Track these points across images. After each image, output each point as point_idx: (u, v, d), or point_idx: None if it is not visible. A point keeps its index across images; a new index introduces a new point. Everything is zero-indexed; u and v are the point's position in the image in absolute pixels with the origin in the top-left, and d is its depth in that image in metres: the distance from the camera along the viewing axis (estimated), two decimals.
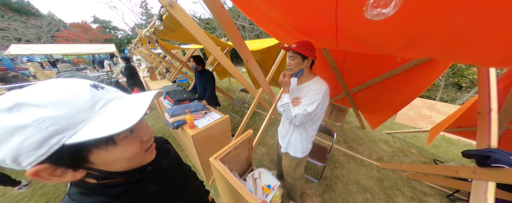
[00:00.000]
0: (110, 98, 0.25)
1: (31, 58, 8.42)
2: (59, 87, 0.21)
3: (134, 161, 0.28)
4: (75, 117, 0.20)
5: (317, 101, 0.76)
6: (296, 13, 0.65)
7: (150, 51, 3.53)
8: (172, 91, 1.62)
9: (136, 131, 0.28)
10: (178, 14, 0.77)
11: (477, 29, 0.35)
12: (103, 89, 0.25)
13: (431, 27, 0.41)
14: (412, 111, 3.21)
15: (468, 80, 5.87)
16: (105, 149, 0.23)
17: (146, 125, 0.31)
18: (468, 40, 0.42)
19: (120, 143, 0.25)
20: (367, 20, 0.39)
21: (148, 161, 0.31)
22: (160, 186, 0.37)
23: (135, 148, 0.27)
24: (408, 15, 0.38)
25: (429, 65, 1.34)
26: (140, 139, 0.28)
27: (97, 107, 0.23)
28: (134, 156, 0.27)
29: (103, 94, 0.24)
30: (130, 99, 0.27)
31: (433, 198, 1.51)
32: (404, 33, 0.47)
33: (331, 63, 1.89)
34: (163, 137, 0.50)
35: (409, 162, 2.05)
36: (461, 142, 2.62)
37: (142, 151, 0.28)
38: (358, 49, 0.84)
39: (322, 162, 1.43)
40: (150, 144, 0.31)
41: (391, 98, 1.76)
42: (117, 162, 0.25)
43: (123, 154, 0.25)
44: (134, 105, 0.25)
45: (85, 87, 0.23)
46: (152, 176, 0.36)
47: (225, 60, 1.13)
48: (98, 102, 0.23)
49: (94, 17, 20.46)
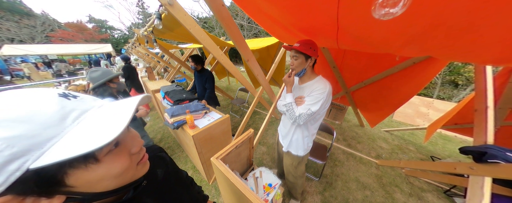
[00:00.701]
0: (86, 108, 0.22)
1: (25, 59, 8.26)
2: (16, 99, 0.18)
3: (125, 177, 0.25)
4: (39, 135, 0.17)
5: (322, 101, 0.76)
6: (297, 12, 0.64)
7: (148, 50, 3.49)
8: (171, 91, 1.61)
9: (123, 143, 0.24)
10: (177, 13, 0.76)
11: (476, 28, 0.36)
12: (76, 98, 0.22)
13: (432, 27, 0.41)
14: (410, 109, 3.25)
15: (464, 78, 5.97)
16: (85, 168, 0.20)
17: (135, 135, 0.28)
18: (467, 39, 0.43)
19: (103, 159, 0.21)
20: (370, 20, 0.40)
21: (142, 174, 0.28)
22: (157, 200, 0.35)
23: (123, 163, 0.24)
24: (411, 15, 0.38)
25: (427, 63, 1.35)
26: (129, 151, 0.25)
27: (69, 120, 0.19)
28: (123, 172, 0.24)
29: (76, 104, 0.21)
30: (111, 107, 0.23)
31: (430, 194, 1.54)
32: (406, 32, 0.48)
33: (330, 62, 1.90)
34: (156, 145, 0.47)
35: (407, 159, 2.08)
36: (458, 139, 2.67)
37: (132, 165, 0.25)
38: (358, 48, 0.84)
39: (322, 160, 1.44)
40: (142, 155, 0.28)
41: (389, 96, 1.78)
42: (103, 181, 0.22)
43: (109, 172, 0.22)
44: (116, 114, 0.22)
45: (51, 98, 0.19)
46: (148, 189, 0.34)
47: (225, 60, 1.13)
48: (70, 113, 0.20)
49: (89, 16, 20.12)
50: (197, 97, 1.56)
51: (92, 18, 20.12)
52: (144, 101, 0.26)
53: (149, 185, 0.35)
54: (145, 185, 0.33)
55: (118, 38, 20.44)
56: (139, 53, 4.82)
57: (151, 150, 0.44)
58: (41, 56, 8.46)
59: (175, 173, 0.44)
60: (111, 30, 21.59)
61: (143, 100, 0.26)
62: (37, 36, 13.16)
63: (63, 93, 0.22)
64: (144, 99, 0.26)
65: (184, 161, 1.86)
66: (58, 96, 0.20)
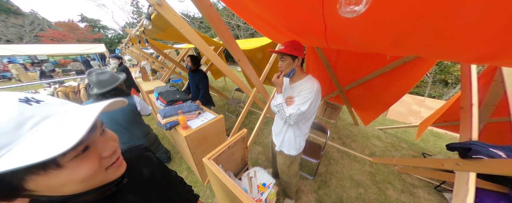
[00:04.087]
0: (48, 113, 0.20)
1: (12, 60, 7.94)
2: None
3: (92, 182, 0.24)
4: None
5: (310, 100, 0.77)
6: (286, 13, 0.65)
7: (142, 51, 3.43)
8: (165, 91, 1.59)
9: (93, 147, 0.23)
10: (166, 13, 0.75)
11: (457, 28, 0.37)
12: (40, 103, 0.21)
13: (413, 27, 0.42)
14: (402, 107, 3.33)
15: (454, 77, 6.17)
16: (45, 174, 0.19)
17: (109, 137, 0.27)
18: (449, 39, 0.44)
19: (67, 164, 0.20)
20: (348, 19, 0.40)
21: (113, 178, 0.27)
22: (141, 197, 0.35)
23: (90, 167, 0.22)
24: (387, 14, 0.39)
25: (416, 63, 1.39)
26: (99, 155, 0.24)
27: (27, 126, 0.18)
28: (88, 177, 0.22)
29: (37, 109, 0.20)
30: (77, 112, 0.22)
31: (421, 190, 1.59)
32: (389, 32, 0.48)
33: (324, 62, 1.92)
34: (142, 144, 0.47)
35: (400, 156, 2.13)
36: (448, 135, 2.76)
37: (100, 170, 0.24)
38: (347, 47, 0.86)
39: (317, 159, 1.46)
40: (114, 159, 0.27)
41: (382, 94, 1.82)
42: (66, 186, 0.21)
43: (72, 177, 0.21)
44: (79, 120, 0.21)
45: (8, 103, 0.19)
46: (132, 187, 0.34)
47: (218, 60, 1.12)
48: (29, 120, 0.19)
49: (81, 15, 19.56)
50: (191, 97, 1.54)
51: (85, 17, 19.57)
52: (114, 105, 0.25)
53: (133, 183, 0.35)
54: (128, 183, 0.33)
55: (112, 38, 19.98)
56: (133, 53, 4.73)
57: (137, 149, 0.44)
58: (30, 57, 8.16)
59: (162, 172, 0.44)
60: (105, 30, 21.10)
61: (113, 104, 0.25)
62: (26, 35, 12.70)
63: (25, 98, 0.20)
64: (116, 103, 0.25)
65: (179, 162, 1.84)
66: (18, 101, 0.19)
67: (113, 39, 19.75)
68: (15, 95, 0.20)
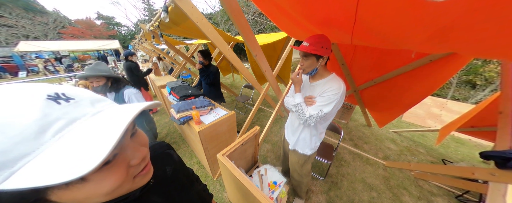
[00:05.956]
0: (75, 116, 0.17)
1: (39, 55, 8.62)
2: None
3: (118, 192, 0.21)
4: (9, 151, 0.14)
5: (335, 102, 0.71)
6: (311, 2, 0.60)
7: (154, 46, 3.52)
8: (177, 87, 1.62)
9: (121, 153, 0.21)
10: (185, 6, 0.74)
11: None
12: (69, 102, 0.18)
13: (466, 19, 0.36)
14: (421, 110, 3.11)
15: (483, 78, 5.59)
16: (67, 188, 0.17)
17: (140, 142, 0.24)
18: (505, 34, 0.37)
19: (91, 178, 0.18)
20: (396, 10, 0.35)
21: (139, 186, 0.24)
22: (164, 197, 0.34)
23: (116, 179, 0.20)
24: (446, 4, 0.34)
25: (446, 61, 1.26)
26: (128, 164, 0.21)
27: (50, 133, 0.15)
28: (115, 189, 0.20)
29: (65, 110, 0.17)
30: (107, 114, 0.19)
31: (441, 198, 1.48)
32: (434, 24, 0.43)
33: (339, 59, 1.83)
34: (164, 141, 0.45)
35: (416, 161, 2.00)
36: (472, 142, 2.54)
37: (128, 180, 0.21)
38: (374, 43, 0.79)
39: (328, 159, 1.41)
40: (143, 166, 0.24)
41: (401, 95, 1.69)
42: (90, 199, 0.19)
43: (96, 191, 0.18)
44: (108, 126, 0.17)
45: (35, 101, 0.16)
46: (156, 187, 0.33)
47: (232, 55, 1.10)
48: (53, 125, 0.16)
49: (97, 13, 20.56)
50: (203, 93, 1.56)
51: (100, 14, 20.55)
52: (149, 107, 0.22)
53: (157, 184, 0.33)
54: (153, 184, 0.31)
55: (125, 35, 20.83)
56: (145, 49, 4.89)
57: (159, 146, 0.43)
58: (54, 52, 8.79)
59: (182, 169, 0.44)
60: (118, 27, 22.02)
61: (149, 106, 0.22)
62: (50, 33, 13.66)
63: (55, 94, 0.17)
64: (151, 105, 0.22)
65: (189, 156, 1.89)
66: (45, 98, 0.17)
67: (126, 35, 20.58)
68: (45, 90, 0.18)
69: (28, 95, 0.16)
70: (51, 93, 0.17)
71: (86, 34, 15.70)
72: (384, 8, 0.44)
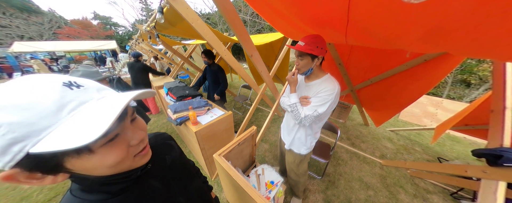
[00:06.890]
0: (84, 99, 0.21)
1: (34, 56, 8.48)
2: (21, 86, 0.19)
3: (120, 167, 0.26)
4: (36, 123, 0.18)
5: (329, 102, 0.72)
6: (303, 3, 0.61)
7: (151, 47, 3.49)
8: (174, 87, 1.61)
9: (122, 135, 0.25)
10: (179, 6, 0.74)
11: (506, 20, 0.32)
12: (80, 88, 0.22)
13: (455, 19, 0.37)
14: (417, 109, 3.15)
15: (478, 77, 5.68)
16: (78, 157, 0.21)
17: (139, 126, 0.28)
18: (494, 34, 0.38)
19: (98, 150, 0.22)
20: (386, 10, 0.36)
21: (139, 165, 0.29)
22: (162, 183, 0.36)
23: (118, 155, 0.24)
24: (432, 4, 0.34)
25: (440, 61, 1.28)
26: (128, 143, 0.25)
27: (65, 111, 0.19)
28: (117, 163, 0.24)
29: (76, 94, 0.21)
30: (109, 100, 0.23)
31: (436, 196, 1.51)
32: (424, 24, 0.44)
33: (336, 59, 1.84)
34: (166, 133, 0.49)
35: (413, 159, 2.03)
36: (467, 140, 2.58)
37: (128, 157, 0.26)
38: (368, 43, 0.80)
39: (325, 159, 1.42)
40: (141, 147, 0.28)
41: (397, 95, 1.71)
42: (97, 169, 0.23)
43: (101, 163, 0.23)
44: (109, 108, 0.21)
45: (53, 87, 0.20)
46: (154, 172, 0.36)
47: (229, 56, 1.10)
48: (67, 105, 0.20)
49: (94, 13, 20.34)
50: (208, 92, 1.55)
51: (97, 14, 20.33)
52: (144, 95, 0.25)
53: (155, 169, 0.36)
54: (151, 168, 0.35)
55: (123, 35, 20.64)
56: (142, 50, 4.85)
57: (162, 137, 0.46)
58: (49, 53, 8.67)
59: (182, 161, 0.47)
60: (116, 27, 21.81)
61: (144, 94, 0.25)
62: (45, 33, 13.47)
63: (68, 82, 0.22)
64: (146, 93, 0.25)
65: (187, 156, 1.89)
66: (62, 85, 0.21)
67: (124, 36, 20.39)
68: (61, 78, 0.22)
69: (48, 82, 0.20)
70: (65, 81, 0.22)
71: (82, 34, 15.50)
72: (375, 8, 0.45)
